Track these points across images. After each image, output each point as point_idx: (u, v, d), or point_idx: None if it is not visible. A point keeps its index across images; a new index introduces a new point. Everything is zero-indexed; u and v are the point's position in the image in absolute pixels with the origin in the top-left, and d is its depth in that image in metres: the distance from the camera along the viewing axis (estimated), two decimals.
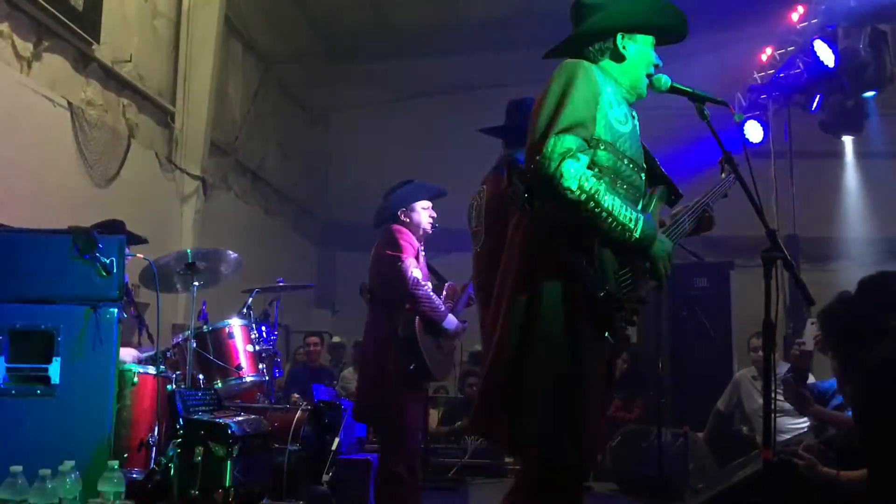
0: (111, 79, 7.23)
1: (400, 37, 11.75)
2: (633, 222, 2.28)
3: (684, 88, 2.52)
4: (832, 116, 6.49)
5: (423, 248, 4.31)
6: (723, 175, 2.69)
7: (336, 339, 9.16)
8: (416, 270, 3.98)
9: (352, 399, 4.98)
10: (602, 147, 2.35)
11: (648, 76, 2.52)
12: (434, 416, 7.57)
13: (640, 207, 2.43)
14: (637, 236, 2.28)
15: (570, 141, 2.25)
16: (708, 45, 7.99)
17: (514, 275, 2.40)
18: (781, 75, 6.88)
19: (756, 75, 7.31)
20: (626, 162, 2.42)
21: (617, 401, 6.79)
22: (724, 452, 5.24)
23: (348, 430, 4.89)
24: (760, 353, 5.38)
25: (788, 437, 4.76)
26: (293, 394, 6.16)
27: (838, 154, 8.69)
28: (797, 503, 2.90)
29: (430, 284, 4.09)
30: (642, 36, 2.53)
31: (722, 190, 2.69)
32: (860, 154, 9.05)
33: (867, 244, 10.23)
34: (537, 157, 2.25)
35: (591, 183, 2.23)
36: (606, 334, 2.34)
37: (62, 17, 6.23)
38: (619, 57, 2.51)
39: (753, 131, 7.33)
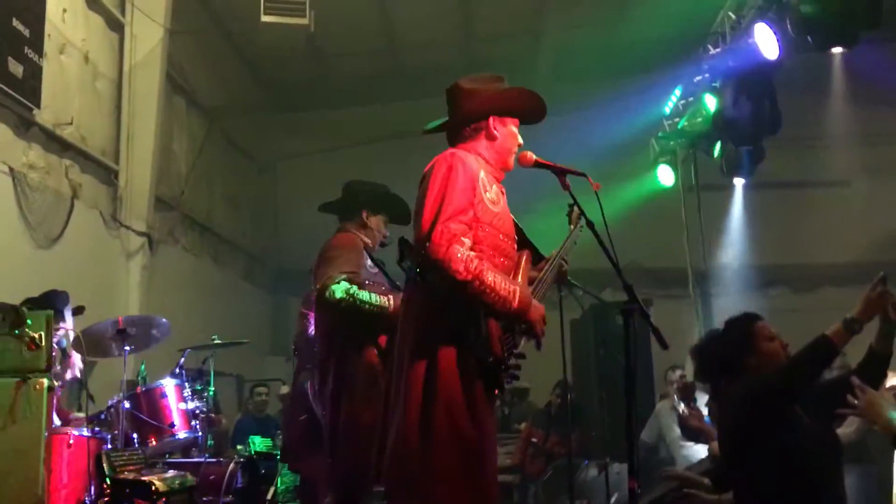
0: (53, 141, 7.35)
1: (343, 86, 12.07)
2: (511, 294, 2.63)
3: (546, 163, 2.86)
4: (726, 162, 6.95)
5: None
6: (571, 227, 3.05)
7: (284, 388, 9.27)
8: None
9: None
10: (481, 228, 2.70)
11: (515, 153, 2.88)
12: None
13: (513, 274, 2.77)
14: (515, 306, 2.64)
15: (454, 228, 2.59)
16: (622, 93, 8.51)
17: (412, 342, 2.70)
18: (686, 124, 7.36)
19: (665, 123, 7.79)
20: (501, 237, 2.78)
21: (554, 435, 7.05)
22: (651, 482, 5.49)
23: (288, 479, 5.06)
24: (676, 384, 5.75)
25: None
26: (238, 445, 6.28)
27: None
28: None
29: None
30: (510, 118, 2.88)
31: (572, 241, 3.06)
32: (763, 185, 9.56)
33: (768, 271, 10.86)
34: (427, 244, 2.58)
35: (475, 264, 2.57)
36: (497, 392, 2.70)
37: (1, 86, 6.37)
38: (491, 136, 2.87)
39: (665, 175, 7.79)
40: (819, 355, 2.86)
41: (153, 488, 3.18)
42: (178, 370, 4.65)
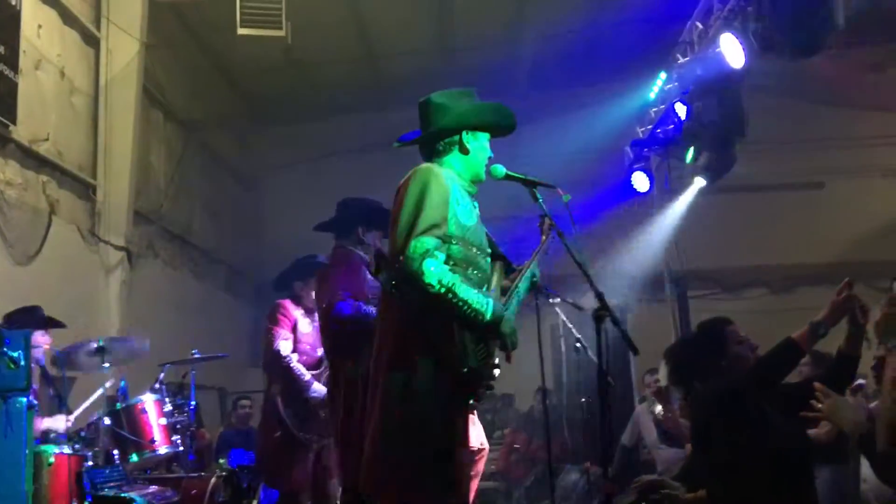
0: (30, 158, 7.33)
1: (323, 96, 12.11)
2: (484, 307, 2.68)
3: (517, 175, 2.91)
4: (698, 168, 7.09)
5: (314, 317, 4.67)
6: (543, 238, 3.10)
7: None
8: (283, 343, 4.40)
9: None
10: (454, 242, 2.76)
11: (486, 166, 2.94)
12: None
13: (486, 286, 2.82)
14: (488, 318, 2.69)
15: (428, 242, 2.64)
16: (596, 100, 8.63)
17: (390, 353, 2.75)
18: (658, 131, 7.49)
19: (638, 130, 7.92)
20: (474, 250, 2.84)
21: (537, 440, 7.11)
22: (630, 485, 5.53)
23: (269, 492, 5.08)
24: (651, 389, 5.82)
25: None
26: (221, 458, 6.29)
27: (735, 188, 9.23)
28: None
29: (294, 356, 4.44)
30: (481, 133, 2.94)
31: (542, 251, 3.11)
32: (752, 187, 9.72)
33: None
34: (401, 258, 2.63)
35: (448, 277, 2.62)
36: (472, 402, 2.78)
37: None
38: (464, 150, 2.93)
39: (640, 182, 7.92)
40: (784, 357, 2.94)
41: None
42: (157, 385, 4.67)
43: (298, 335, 4.55)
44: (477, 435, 3.51)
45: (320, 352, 4.66)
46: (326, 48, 10.87)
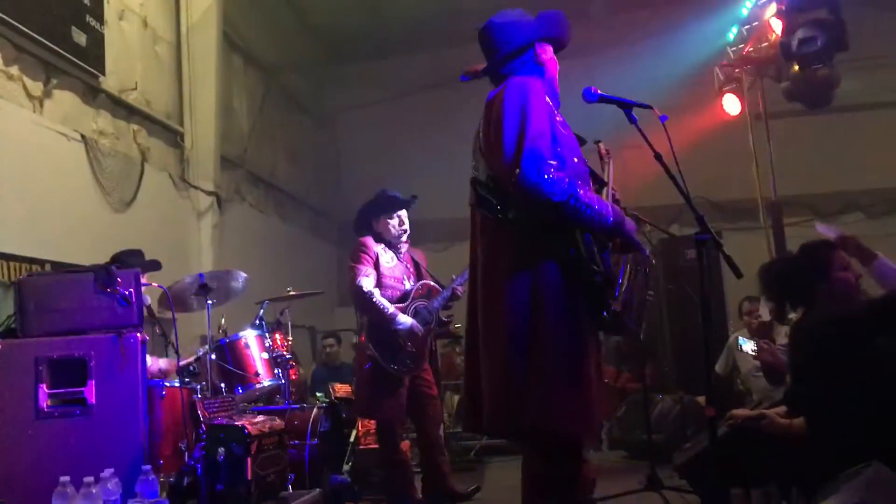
0: (120, 107, 7.54)
1: (398, 34, 12.01)
2: (606, 208, 2.56)
3: (611, 97, 2.79)
4: (794, 88, 6.72)
5: (401, 248, 4.72)
6: (605, 161, 2.99)
7: (355, 338, 9.48)
8: (364, 279, 4.42)
9: None
10: (560, 150, 2.61)
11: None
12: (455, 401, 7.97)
13: None
14: (612, 220, 2.57)
15: (541, 151, 2.50)
16: (683, 21, 8.26)
17: (506, 271, 2.58)
18: (750, 50, 7.14)
19: (729, 50, 7.57)
20: (575, 160, 2.69)
21: (625, 372, 7.09)
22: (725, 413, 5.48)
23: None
24: (751, 316, 5.69)
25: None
26: (316, 393, 6.50)
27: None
28: (757, 456, 3.21)
29: (377, 291, 4.47)
30: (548, 45, 2.84)
31: (612, 175, 2.96)
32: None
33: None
34: (516, 171, 2.48)
35: (568, 182, 2.49)
36: (604, 312, 2.56)
37: (67, 55, 6.51)
38: (540, 63, 2.82)
39: (731, 104, 7.60)
40: None
41: (246, 432, 3.36)
42: (258, 321, 4.83)
43: (382, 270, 4.60)
44: None
45: (408, 285, 4.71)
46: None
